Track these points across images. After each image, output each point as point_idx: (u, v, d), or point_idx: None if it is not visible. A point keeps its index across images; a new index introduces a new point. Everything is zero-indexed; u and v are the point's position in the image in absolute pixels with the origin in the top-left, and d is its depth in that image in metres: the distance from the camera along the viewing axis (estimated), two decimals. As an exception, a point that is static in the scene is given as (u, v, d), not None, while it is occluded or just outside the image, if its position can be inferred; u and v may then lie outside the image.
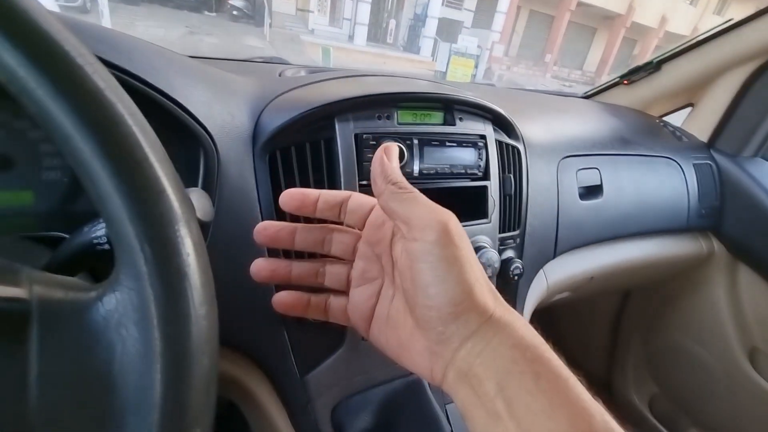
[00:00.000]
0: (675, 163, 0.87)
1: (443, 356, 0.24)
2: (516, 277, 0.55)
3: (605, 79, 1.14)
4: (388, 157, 0.27)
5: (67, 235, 0.33)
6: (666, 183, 0.85)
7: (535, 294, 0.66)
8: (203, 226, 0.24)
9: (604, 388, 1.19)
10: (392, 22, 16.33)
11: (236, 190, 0.40)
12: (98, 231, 0.25)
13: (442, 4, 14.92)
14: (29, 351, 0.14)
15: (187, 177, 0.39)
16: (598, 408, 0.21)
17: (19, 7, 0.14)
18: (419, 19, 14.81)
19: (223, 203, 0.39)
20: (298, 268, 0.32)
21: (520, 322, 0.24)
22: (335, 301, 0.32)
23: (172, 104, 0.35)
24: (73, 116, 0.14)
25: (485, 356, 0.22)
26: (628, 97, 1.08)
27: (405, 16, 16.16)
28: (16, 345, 0.14)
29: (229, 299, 0.40)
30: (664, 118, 1.06)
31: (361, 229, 0.31)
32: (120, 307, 0.15)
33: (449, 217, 0.25)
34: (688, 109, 1.05)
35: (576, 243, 0.71)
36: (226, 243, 0.40)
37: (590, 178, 0.74)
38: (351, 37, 14.35)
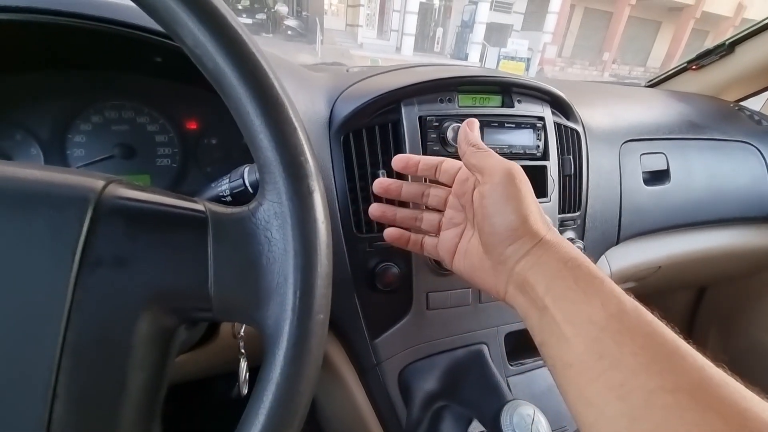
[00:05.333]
0: (753, 147, 0.82)
1: (504, 272, 0.30)
2: (577, 257, 0.56)
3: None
4: (470, 128, 0.36)
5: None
6: (743, 168, 0.80)
7: (597, 279, 0.65)
8: None
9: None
10: (439, 31, 16.40)
11: None
12: (222, 187, 0.31)
13: (491, 9, 14.74)
14: (207, 243, 0.20)
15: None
16: (628, 297, 0.25)
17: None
18: (467, 26, 14.72)
19: None
20: (402, 213, 0.41)
21: (565, 243, 0.29)
22: (429, 240, 0.40)
23: None
24: (245, 85, 0.20)
25: (536, 269, 0.28)
26: (697, 83, 1.02)
27: (452, 23, 16.15)
28: (199, 238, 0.20)
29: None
30: (741, 104, 0.99)
31: (450, 186, 0.38)
32: (266, 216, 0.20)
33: (512, 165, 0.32)
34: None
35: (641, 229, 0.69)
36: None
37: (655, 163, 0.71)
38: (398, 48, 14.61)
